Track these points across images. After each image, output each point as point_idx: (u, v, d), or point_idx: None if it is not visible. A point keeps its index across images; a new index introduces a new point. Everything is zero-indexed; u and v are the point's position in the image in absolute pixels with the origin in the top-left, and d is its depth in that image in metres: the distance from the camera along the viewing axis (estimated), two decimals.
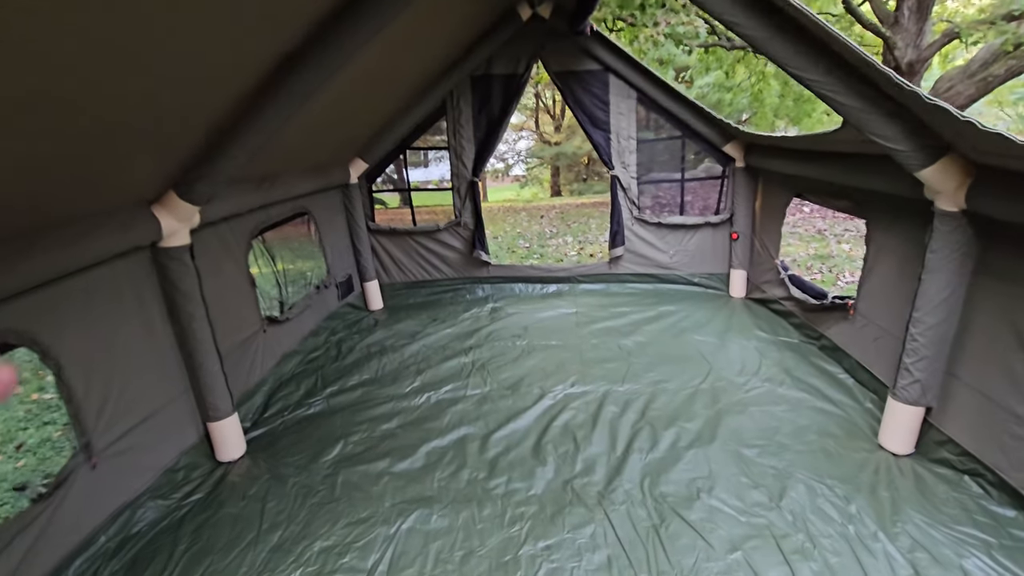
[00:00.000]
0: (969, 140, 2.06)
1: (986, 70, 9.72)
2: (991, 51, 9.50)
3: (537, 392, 3.61)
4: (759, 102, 15.42)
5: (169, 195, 2.57)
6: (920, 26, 9.62)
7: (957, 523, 2.27)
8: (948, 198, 2.35)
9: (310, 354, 4.31)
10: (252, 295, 3.58)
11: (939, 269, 2.47)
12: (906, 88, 1.99)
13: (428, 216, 5.92)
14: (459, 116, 5.08)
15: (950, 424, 2.62)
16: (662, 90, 4.72)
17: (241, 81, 2.28)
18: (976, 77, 9.78)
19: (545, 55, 4.82)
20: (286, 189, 3.84)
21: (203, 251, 2.98)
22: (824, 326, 3.83)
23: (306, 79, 2.40)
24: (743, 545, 2.27)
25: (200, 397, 2.92)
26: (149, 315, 2.67)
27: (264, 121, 2.47)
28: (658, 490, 2.63)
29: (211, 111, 2.31)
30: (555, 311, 5.07)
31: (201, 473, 2.91)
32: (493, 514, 2.55)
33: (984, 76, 9.69)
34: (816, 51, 2.24)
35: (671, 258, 5.36)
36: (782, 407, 3.24)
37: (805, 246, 7.65)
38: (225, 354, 3.08)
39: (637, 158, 5.11)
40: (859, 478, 2.60)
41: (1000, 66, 9.61)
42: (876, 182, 2.92)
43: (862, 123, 2.32)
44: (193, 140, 2.40)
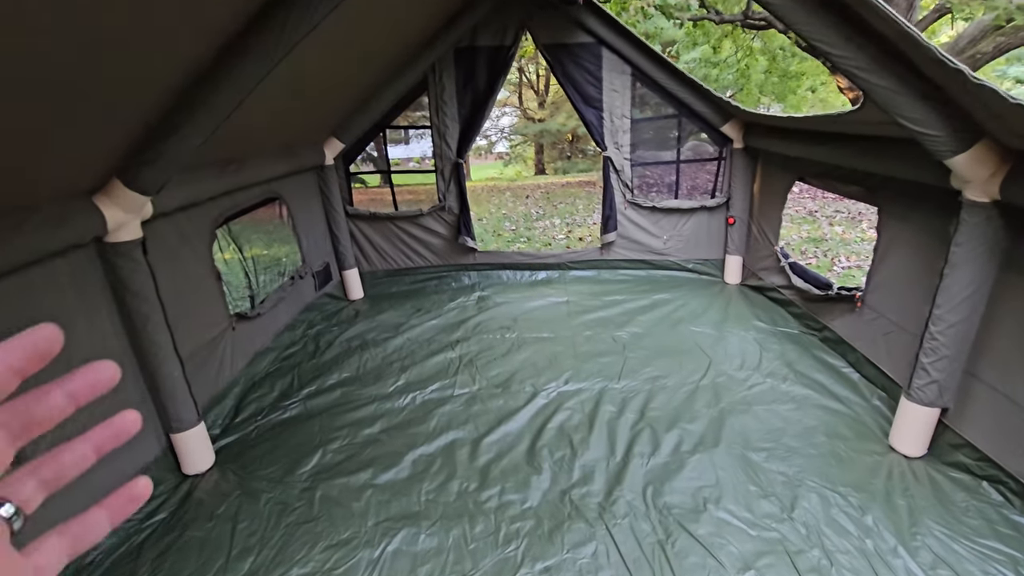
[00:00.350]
0: (1011, 125, 1.86)
1: (974, 47, 9.60)
2: (980, 28, 9.38)
3: (529, 390, 3.41)
4: (745, 78, 15.19)
5: (113, 183, 2.25)
6: (910, 1, 9.43)
7: (980, 535, 2.14)
8: (979, 188, 2.17)
9: (285, 351, 4.03)
10: (218, 290, 3.28)
11: (964, 264, 2.29)
12: (950, 66, 1.77)
13: (410, 196, 5.60)
14: (442, 92, 4.74)
15: (968, 427, 2.48)
16: (659, 65, 4.44)
17: (191, 54, 1.97)
18: (964, 54, 9.64)
19: (534, 26, 4.49)
20: (254, 172, 3.51)
21: (158, 245, 2.67)
22: (827, 317, 3.68)
23: (264, 51, 2.09)
24: (755, 563, 2.11)
25: (161, 407, 2.65)
26: (96, 319, 2.37)
27: (220, 99, 2.16)
28: (662, 500, 2.46)
29: (157, 84, 1.99)
30: (545, 300, 4.85)
31: (165, 489, 2.66)
32: (486, 531, 2.35)
33: (972, 53, 9.57)
34: (849, 24, 2.00)
35: (665, 243, 5.15)
36: (787, 405, 3.08)
37: (797, 228, 7.52)
38: (188, 357, 2.80)
39: (631, 138, 4.85)
40: (873, 485, 2.46)
41: (989, 43, 9.49)
42: (894, 168, 2.73)
43: (891, 104, 2.10)
44: (135, 118, 2.09)
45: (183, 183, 2.76)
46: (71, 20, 1.41)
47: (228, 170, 3.20)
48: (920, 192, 2.74)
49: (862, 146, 2.97)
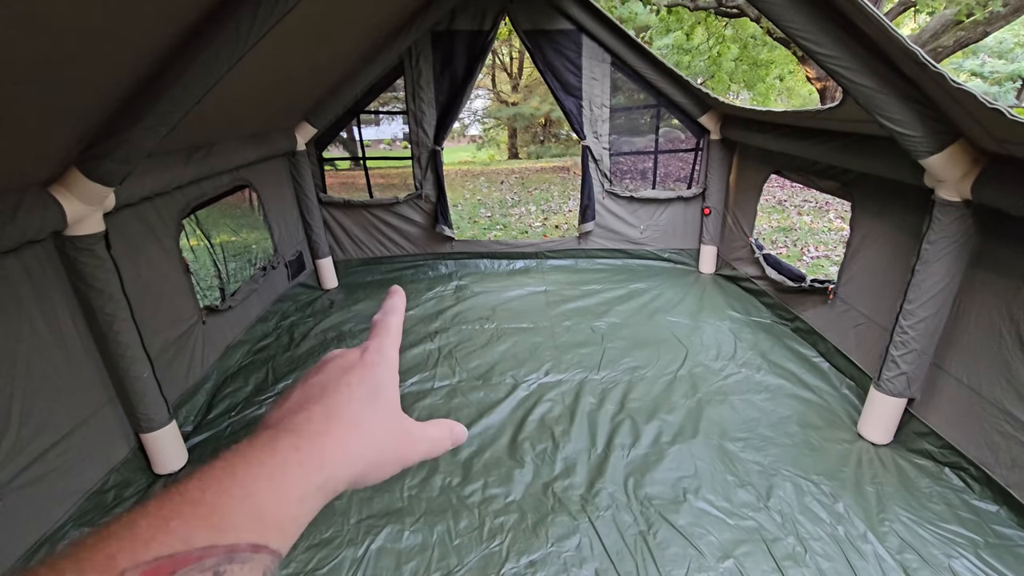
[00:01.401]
0: (989, 128, 1.91)
1: (936, 41, 9.89)
2: (942, 21, 9.65)
3: (510, 382, 3.40)
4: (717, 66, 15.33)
5: (72, 173, 2.12)
6: None
7: (943, 520, 2.25)
8: (951, 187, 2.23)
9: (258, 343, 3.92)
10: (186, 283, 3.15)
11: (935, 260, 2.37)
12: (931, 69, 1.80)
13: (382, 181, 5.47)
14: (419, 77, 4.62)
15: (933, 416, 2.59)
16: (639, 54, 4.41)
17: (157, 31, 1.85)
18: (926, 47, 9.93)
19: (514, 10, 4.39)
20: (223, 159, 3.36)
21: (122, 238, 2.54)
22: (799, 308, 3.78)
23: (234, 36, 1.98)
24: (734, 552, 2.17)
25: (129, 407, 2.54)
26: (57, 320, 2.24)
27: (184, 88, 2.04)
28: (643, 492, 2.50)
29: (119, 74, 1.87)
30: (523, 289, 4.83)
31: (136, 490, 2.56)
32: (470, 526, 2.35)
33: (934, 47, 9.86)
34: (834, 23, 2.01)
35: (642, 233, 5.19)
36: (762, 395, 3.17)
37: (767, 218, 7.68)
38: (157, 355, 2.70)
39: (610, 128, 4.83)
40: (843, 473, 2.56)
41: (949, 37, 9.79)
42: (870, 165, 2.79)
43: (872, 104, 2.13)
44: (99, 108, 1.96)
45: (147, 172, 2.62)
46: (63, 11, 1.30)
47: (195, 157, 3.05)
48: (894, 189, 2.81)
49: (840, 143, 3.02)
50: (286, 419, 0.36)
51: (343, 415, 0.37)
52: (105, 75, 1.83)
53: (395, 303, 0.49)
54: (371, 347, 0.44)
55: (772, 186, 9.93)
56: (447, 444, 0.45)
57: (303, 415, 0.36)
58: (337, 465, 0.35)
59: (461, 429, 0.47)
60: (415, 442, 0.42)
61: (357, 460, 0.36)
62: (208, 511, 0.28)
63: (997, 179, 2.06)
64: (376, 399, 0.40)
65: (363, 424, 0.38)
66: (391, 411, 0.41)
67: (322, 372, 0.41)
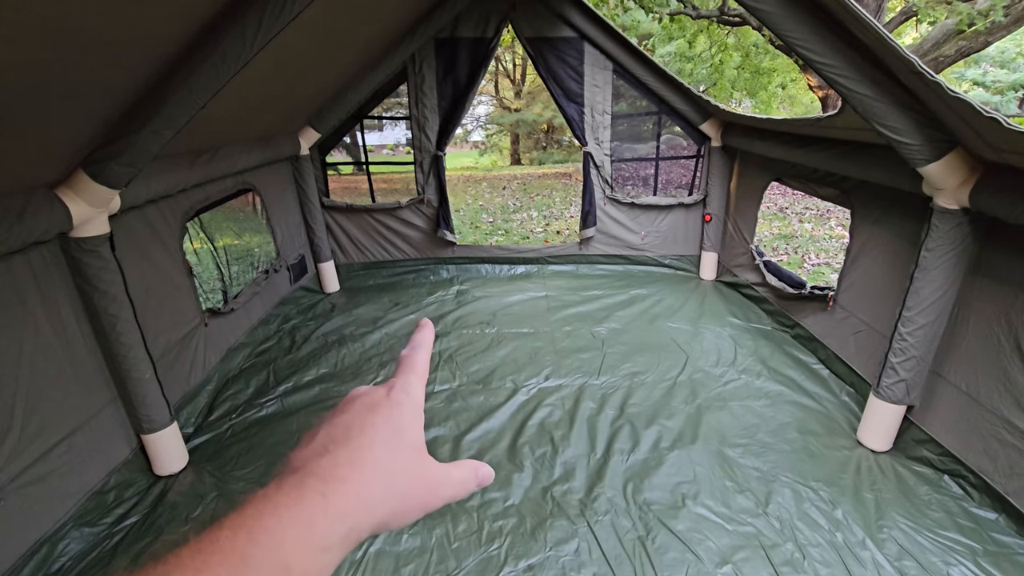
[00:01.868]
0: (986, 137, 1.93)
1: (938, 50, 9.92)
2: (943, 31, 9.68)
3: (510, 386, 3.41)
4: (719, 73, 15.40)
5: (78, 175, 2.14)
6: (878, 3, 9.68)
7: (942, 528, 2.25)
8: (949, 195, 2.24)
9: (260, 346, 3.94)
10: (189, 285, 3.18)
11: (934, 268, 2.38)
12: (928, 78, 1.82)
13: (384, 186, 5.50)
14: (422, 83, 4.66)
15: (932, 423, 2.59)
16: (640, 62, 4.45)
17: (154, 48, 1.88)
18: (928, 56, 9.97)
19: (516, 18, 4.44)
20: (227, 163, 3.39)
21: (127, 240, 2.57)
22: (800, 315, 3.78)
23: (240, 42, 2.01)
24: (732, 557, 2.18)
25: (131, 408, 2.56)
26: (61, 320, 2.26)
27: (191, 93, 2.06)
28: (642, 497, 2.51)
29: (127, 78, 1.90)
30: (524, 294, 4.85)
31: (136, 491, 2.57)
32: (469, 530, 2.36)
33: (936, 55, 9.89)
34: (833, 32, 2.03)
35: (643, 239, 5.20)
36: (761, 402, 3.17)
37: (768, 225, 7.69)
38: (159, 357, 2.72)
39: (612, 134, 4.86)
40: (842, 479, 2.56)
41: (951, 46, 9.82)
42: (869, 172, 2.80)
43: (871, 112, 2.15)
44: (106, 112, 1.99)
45: (152, 175, 2.64)
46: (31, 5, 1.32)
47: (200, 161, 3.08)
48: (893, 197, 2.83)
49: (839, 150, 3.04)
50: (311, 462, 0.36)
51: (367, 459, 0.37)
52: (113, 79, 1.86)
53: (423, 338, 0.49)
54: (397, 385, 0.43)
55: (774, 194, 9.95)
56: (471, 486, 0.44)
57: (328, 459, 0.36)
58: (361, 513, 0.34)
59: (487, 471, 0.46)
60: (439, 487, 0.41)
61: (380, 507, 0.36)
62: (238, 561, 0.28)
63: (994, 187, 2.07)
64: (401, 441, 0.39)
65: (387, 468, 0.37)
66: (415, 454, 0.40)
67: (347, 412, 0.41)
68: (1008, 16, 8.74)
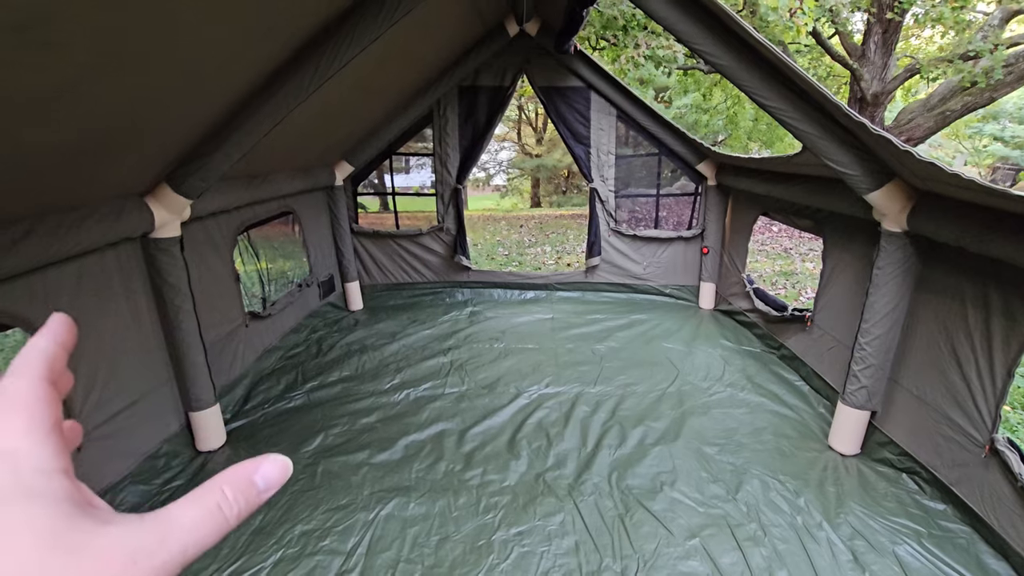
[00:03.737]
0: (909, 167, 2.30)
1: (944, 105, 10.34)
2: (949, 87, 10.12)
3: (513, 391, 3.75)
4: (734, 124, 16.04)
5: (162, 187, 2.65)
6: (885, 60, 10.20)
7: (893, 515, 2.49)
8: (893, 220, 2.60)
9: (291, 350, 4.37)
10: (236, 290, 3.65)
11: (885, 284, 2.71)
12: (854, 118, 2.22)
13: (409, 222, 6.03)
14: (445, 124, 5.24)
15: (891, 426, 2.85)
16: (640, 109, 4.95)
17: (239, 84, 2.39)
18: (935, 111, 10.39)
19: (530, 70, 5.02)
20: (274, 188, 3.92)
21: (191, 245, 3.05)
22: (784, 336, 4.07)
23: (300, 84, 2.52)
24: (700, 533, 2.44)
25: (183, 387, 2.98)
26: (137, 305, 2.73)
27: (258, 122, 2.57)
28: (624, 483, 2.79)
29: (209, 110, 2.41)
30: (532, 316, 5.23)
31: (181, 461, 2.96)
32: (468, 503, 2.67)
33: (942, 110, 10.31)
34: (777, 81, 2.46)
35: (644, 269, 5.58)
36: (742, 410, 3.45)
37: (771, 263, 8.00)
38: (208, 346, 3.15)
39: (615, 172, 5.34)
40: (808, 475, 2.81)
41: (957, 102, 10.23)
42: (833, 203, 3.17)
43: (818, 148, 2.55)
44: (190, 137, 2.50)
45: (216, 192, 3.16)
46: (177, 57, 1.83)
47: (253, 183, 3.61)
48: (855, 225, 3.18)
49: (809, 185, 3.43)
50: None
51: None
52: (199, 112, 2.37)
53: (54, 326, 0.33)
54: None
55: (780, 235, 10.27)
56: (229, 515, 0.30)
57: None
58: None
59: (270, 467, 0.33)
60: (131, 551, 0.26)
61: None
62: None
63: (926, 212, 2.43)
64: None
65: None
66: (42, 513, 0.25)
67: None
68: (1011, 74, 9.17)
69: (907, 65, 10.75)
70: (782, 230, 10.54)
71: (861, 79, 10.01)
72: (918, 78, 11.07)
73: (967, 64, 9.09)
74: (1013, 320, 2.15)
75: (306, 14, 2.26)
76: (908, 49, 13.43)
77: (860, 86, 10.07)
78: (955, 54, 9.06)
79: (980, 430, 2.30)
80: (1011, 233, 1.98)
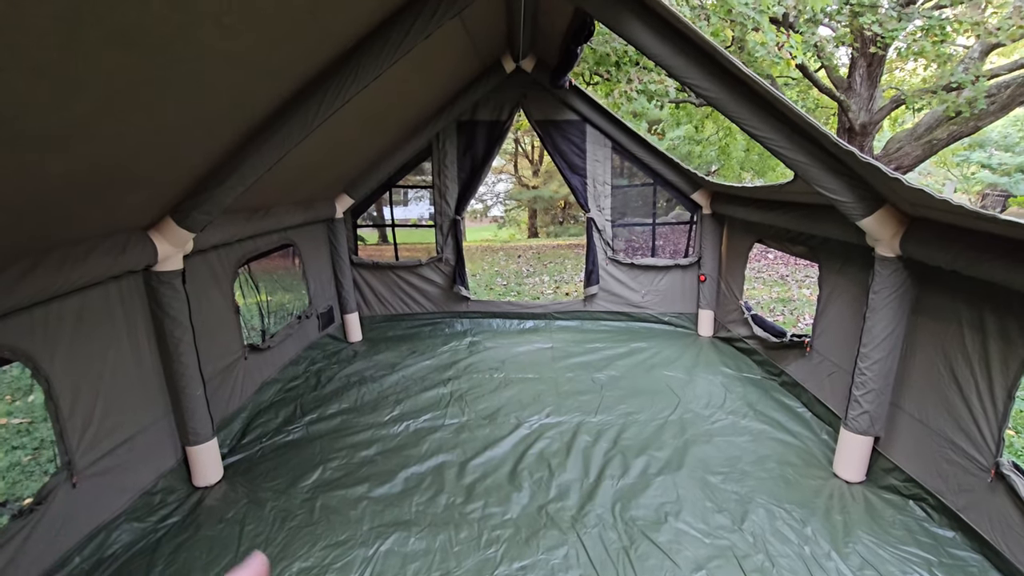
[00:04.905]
0: (899, 193, 2.35)
1: (931, 134, 10.60)
2: (935, 117, 10.39)
3: (513, 422, 3.72)
4: (726, 155, 16.35)
5: (166, 221, 2.69)
6: (871, 92, 10.50)
7: (902, 543, 2.44)
8: (886, 245, 2.64)
9: (289, 383, 4.34)
10: (236, 323, 3.65)
11: (881, 308, 2.73)
12: (843, 147, 2.29)
13: (408, 253, 6.08)
14: (444, 157, 5.34)
15: (896, 452, 2.83)
16: (634, 141, 5.07)
17: (246, 122, 2.46)
18: (922, 140, 10.64)
19: (527, 104, 5.16)
20: (275, 221, 3.97)
21: (192, 277, 3.07)
22: (784, 363, 4.07)
23: (304, 120, 2.58)
24: (707, 565, 2.39)
25: (181, 421, 2.95)
26: (137, 338, 2.73)
27: (261, 157, 2.62)
28: (628, 514, 2.75)
29: (213, 147, 2.47)
30: (532, 346, 5.22)
31: (177, 497, 2.91)
32: (470, 537, 2.62)
33: (929, 139, 10.56)
34: (767, 112, 2.54)
35: (643, 297, 5.60)
36: (745, 438, 3.42)
37: (768, 290, 8.04)
38: (207, 379, 3.13)
39: (612, 202, 5.42)
40: (815, 503, 2.77)
41: (943, 131, 10.48)
42: (827, 229, 3.22)
43: (810, 176, 2.61)
44: (196, 172, 2.54)
45: (218, 225, 3.20)
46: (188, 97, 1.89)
47: (255, 216, 3.66)
48: (849, 250, 3.23)
49: (802, 212, 3.49)
50: None
51: None
52: (209, 147, 2.43)
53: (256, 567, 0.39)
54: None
55: (775, 263, 10.35)
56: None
57: None
58: None
59: None
60: None
61: None
62: None
63: (919, 237, 2.47)
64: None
65: None
66: None
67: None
68: (994, 104, 9.43)
69: (893, 96, 11.04)
70: (778, 257, 10.63)
71: (848, 110, 10.28)
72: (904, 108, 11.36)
73: (951, 95, 9.35)
74: (1010, 342, 2.17)
75: (313, 54, 2.34)
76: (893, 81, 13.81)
77: (848, 117, 10.34)
78: (938, 85, 9.32)
79: (984, 454, 2.29)
80: (1002, 256, 2.01)
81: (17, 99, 1.35)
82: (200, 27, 1.61)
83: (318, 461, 3.25)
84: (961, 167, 20.69)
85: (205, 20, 1.60)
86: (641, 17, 2.48)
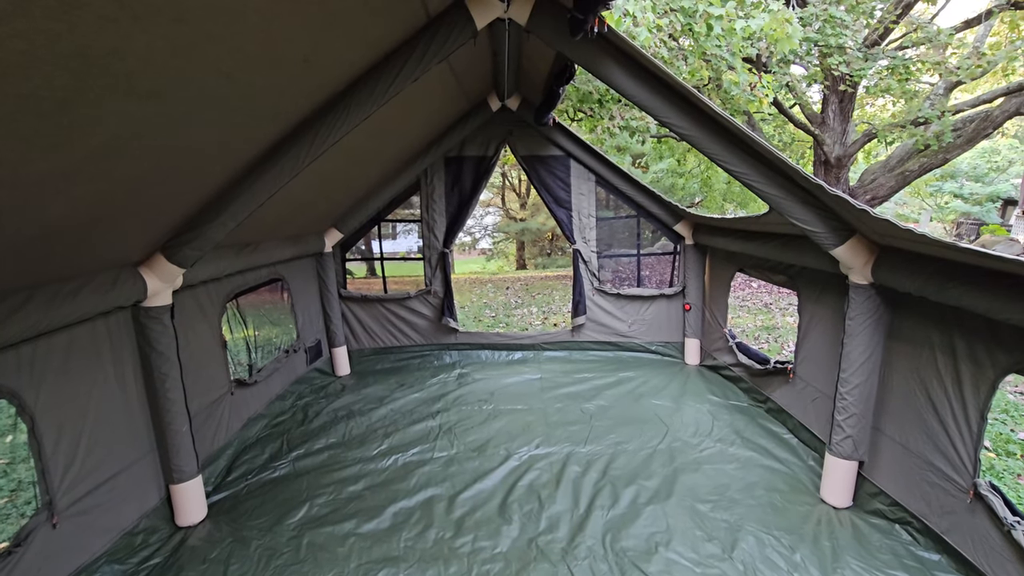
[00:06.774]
0: (867, 224, 2.47)
1: (903, 166, 11.01)
2: (906, 150, 10.82)
3: (503, 454, 3.71)
4: (708, 187, 16.77)
5: (156, 257, 2.72)
6: (844, 126, 10.93)
7: (890, 568, 2.46)
8: (858, 272, 2.74)
9: (276, 418, 4.29)
10: (223, 358, 3.64)
11: (858, 334, 2.81)
12: (812, 181, 2.41)
13: (397, 286, 6.12)
14: (432, 192, 5.45)
15: (880, 476, 2.87)
16: (617, 175, 5.23)
17: (238, 161, 2.53)
18: (895, 171, 11.04)
19: (513, 141, 5.32)
20: (265, 255, 4.01)
21: (180, 312, 3.08)
22: (769, 389, 4.13)
23: (296, 158, 2.65)
24: None
25: (165, 458, 2.91)
26: (124, 374, 2.72)
27: (253, 195, 2.67)
28: (619, 545, 2.74)
29: (209, 185, 2.53)
30: (520, 377, 5.23)
31: (160, 538, 2.84)
32: (459, 572, 2.59)
33: (902, 171, 10.96)
34: (740, 148, 2.67)
35: (629, 327, 5.67)
36: (733, 465, 3.44)
37: (753, 318, 8.16)
38: (193, 415, 3.11)
39: (597, 234, 5.54)
40: (803, 529, 2.79)
41: (914, 163, 10.90)
42: (803, 259, 3.33)
43: (783, 208, 2.73)
44: (188, 209, 2.59)
45: (208, 260, 3.23)
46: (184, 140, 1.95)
47: (244, 251, 3.69)
48: (826, 279, 3.33)
49: (780, 242, 3.61)
50: None
51: None
52: (203, 185, 2.49)
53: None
54: None
55: (759, 291, 10.52)
56: None
57: None
58: None
59: None
60: None
61: None
62: None
63: (889, 265, 2.57)
64: None
65: None
66: None
67: None
68: (960, 137, 9.86)
69: (865, 130, 11.49)
70: (761, 286, 10.82)
71: (823, 144, 10.66)
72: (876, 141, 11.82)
73: (919, 129, 9.76)
74: (979, 365, 2.25)
75: (305, 97, 2.43)
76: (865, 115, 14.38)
77: (823, 150, 10.72)
78: (907, 120, 9.74)
79: (962, 475, 2.34)
80: (967, 282, 2.11)
81: (24, 141, 1.41)
82: (200, 73, 1.69)
83: (305, 497, 3.21)
84: (935, 197, 21.43)
85: (206, 68, 1.68)
86: (619, 62, 2.62)
